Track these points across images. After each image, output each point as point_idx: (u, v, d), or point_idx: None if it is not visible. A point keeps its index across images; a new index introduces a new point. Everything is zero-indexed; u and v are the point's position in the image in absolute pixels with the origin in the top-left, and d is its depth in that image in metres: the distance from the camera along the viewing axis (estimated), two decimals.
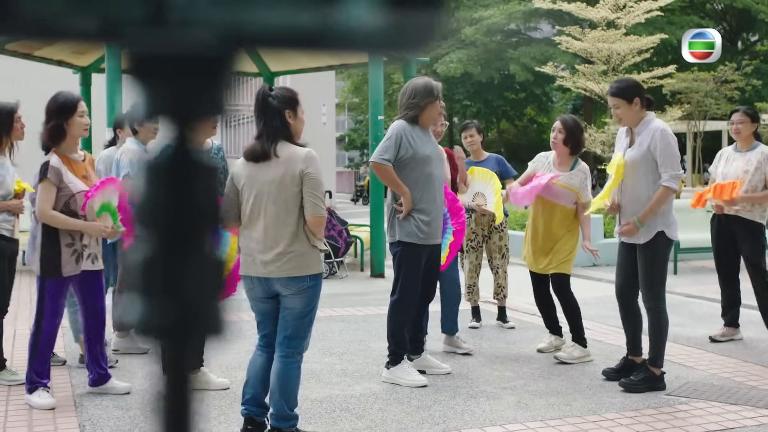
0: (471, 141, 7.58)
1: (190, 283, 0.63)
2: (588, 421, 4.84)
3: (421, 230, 5.57)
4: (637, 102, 5.44)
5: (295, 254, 4.26)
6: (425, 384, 5.56)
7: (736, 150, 6.96)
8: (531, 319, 7.91)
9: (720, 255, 7.04)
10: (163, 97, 0.61)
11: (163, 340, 0.64)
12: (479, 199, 7.09)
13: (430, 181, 5.62)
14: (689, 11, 31.35)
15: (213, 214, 0.65)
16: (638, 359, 5.72)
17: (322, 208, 4.27)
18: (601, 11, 15.78)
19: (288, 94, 4.44)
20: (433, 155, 5.72)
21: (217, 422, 4.80)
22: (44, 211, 5.00)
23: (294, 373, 4.40)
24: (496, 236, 7.47)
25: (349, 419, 4.86)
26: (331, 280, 10.73)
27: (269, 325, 4.46)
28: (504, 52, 34.45)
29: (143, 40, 0.58)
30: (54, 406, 5.06)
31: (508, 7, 33.39)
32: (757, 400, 5.25)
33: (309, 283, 4.30)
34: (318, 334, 7.19)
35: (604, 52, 15.53)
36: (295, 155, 4.28)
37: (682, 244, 11.19)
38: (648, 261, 5.50)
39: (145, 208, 0.63)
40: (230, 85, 0.62)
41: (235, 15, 0.57)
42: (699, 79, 21.76)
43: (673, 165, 5.39)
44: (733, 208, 6.71)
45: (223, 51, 0.60)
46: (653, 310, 5.55)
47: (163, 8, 0.57)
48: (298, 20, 0.57)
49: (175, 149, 0.63)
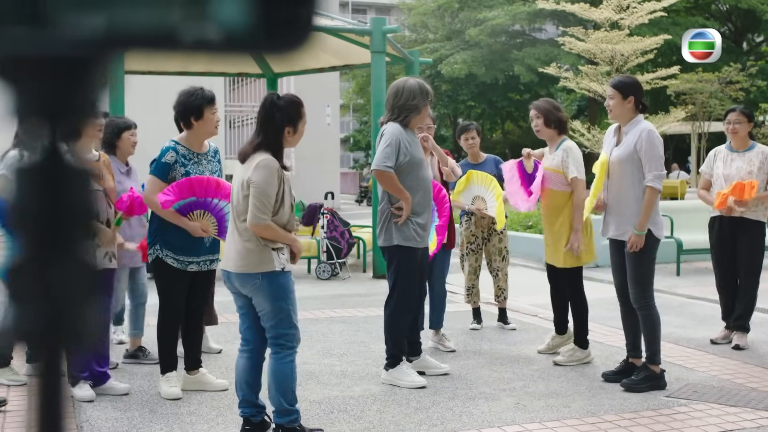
0: (472, 143, 7.55)
1: (60, 288, 0.62)
2: (586, 422, 4.83)
3: (418, 234, 5.59)
4: (631, 101, 5.54)
5: (246, 252, 4.36)
6: (424, 385, 5.55)
7: (732, 150, 6.92)
8: (532, 321, 7.90)
9: (719, 257, 7.01)
10: (32, 98, 0.60)
11: (33, 346, 0.63)
12: (479, 203, 7.06)
13: (425, 184, 5.65)
14: (694, 12, 31.25)
15: (84, 218, 0.64)
16: (638, 361, 5.71)
17: (259, 216, 4.30)
18: (604, 12, 15.77)
19: (293, 111, 4.46)
20: (423, 158, 5.77)
21: (215, 423, 4.80)
22: None
23: (287, 368, 4.42)
24: (495, 238, 7.45)
25: (347, 420, 4.85)
26: (333, 281, 10.74)
27: (246, 320, 4.56)
28: (508, 53, 34.40)
29: (12, 39, 0.57)
30: (93, 399, 5.15)
31: (512, 8, 33.33)
32: (757, 402, 5.23)
33: (262, 280, 4.33)
34: (318, 335, 7.20)
35: (607, 53, 15.51)
36: (253, 161, 4.38)
37: (685, 246, 11.17)
38: (636, 260, 5.54)
39: (15, 211, 0.62)
40: (102, 85, 0.62)
41: (105, 16, 0.57)
42: (703, 80, 21.69)
43: (657, 166, 5.50)
44: (738, 210, 6.67)
45: (93, 51, 0.59)
46: (644, 308, 5.59)
47: (32, 8, 0.56)
48: (168, 21, 0.57)
49: (45, 151, 0.62)
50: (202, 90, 5.26)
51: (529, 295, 9.04)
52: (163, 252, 5.21)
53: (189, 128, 5.26)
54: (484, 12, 34.18)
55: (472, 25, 35.32)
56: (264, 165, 4.33)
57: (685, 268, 11.44)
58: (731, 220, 6.79)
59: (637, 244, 5.48)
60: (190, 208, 5.16)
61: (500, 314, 7.69)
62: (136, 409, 5.07)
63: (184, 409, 5.06)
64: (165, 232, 5.20)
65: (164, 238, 5.21)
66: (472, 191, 7.10)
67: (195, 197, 5.12)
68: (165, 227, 5.19)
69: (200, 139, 5.32)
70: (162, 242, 5.21)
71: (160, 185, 5.14)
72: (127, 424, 4.77)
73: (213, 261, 5.40)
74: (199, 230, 5.16)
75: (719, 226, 6.93)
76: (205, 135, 5.33)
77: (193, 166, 5.24)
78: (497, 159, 7.62)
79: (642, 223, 5.47)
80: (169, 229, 5.18)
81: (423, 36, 40.48)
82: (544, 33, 37.29)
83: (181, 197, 5.10)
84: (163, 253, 5.21)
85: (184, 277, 5.28)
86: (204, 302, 5.61)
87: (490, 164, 7.44)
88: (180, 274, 5.25)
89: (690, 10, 31.00)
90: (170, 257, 5.22)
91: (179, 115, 5.25)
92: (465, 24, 36.73)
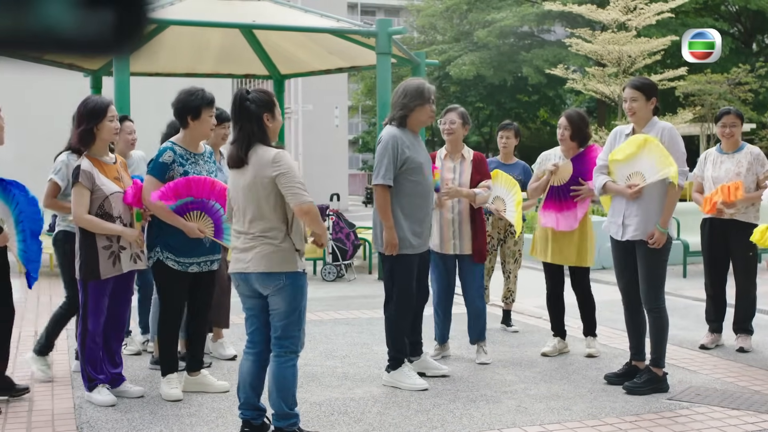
0: (505, 143, 7.42)
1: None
2: (587, 425, 4.81)
3: (414, 241, 5.57)
4: (654, 102, 5.54)
5: (269, 251, 4.33)
6: (426, 387, 5.53)
7: (722, 152, 6.88)
8: (536, 323, 7.88)
9: (711, 259, 6.97)
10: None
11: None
12: (498, 203, 6.88)
13: (422, 189, 5.59)
14: (703, 13, 31.14)
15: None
16: (641, 364, 5.69)
17: (303, 195, 4.28)
18: (611, 13, 15.73)
19: (266, 97, 4.46)
20: (425, 161, 5.68)
21: (215, 425, 4.79)
22: (80, 215, 5.08)
23: (289, 372, 4.41)
24: (511, 241, 7.42)
25: (347, 423, 4.84)
26: (338, 282, 10.73)
27: (255, 323, 4.53)
28: (517, 54, 34.36)
29: None
30: (115, 403, 5.14)
31: (520, 10, 33.31)
32: (760, 405, 5.20)
33: (286, 281, 4.32)
34: (321, 337, 7.20)
35: (614, 54, 15.47)
36: (264, 159, 4.34)
37: (692, 248, 11.11)
38: (652, 260, 5.49)
39: None
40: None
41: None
42: (712, 82, 21.60)
43: (681, 162, 5.40)
44: (728, 212, 6.63)
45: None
46: (655, 311, 5.54)
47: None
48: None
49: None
50: (203, 91, 5.27)
51: (533, 297, 9.00)
52: (163, 254, 5.21)
53: (185, 127, 5.27)
54: (493, 13, 34.16)
55: (480, 27, 35.30)
56: (283, 155, 4.33)
57: (691, 269, 11.39)
58: (722, 223, 6.74)
59: (660, 242, 5.43)
60: (187, 208, 5.16)
61: (504, 316, 7.67)
62: (136, 410, 5.07)
63: (184, 411, 5.06)
64: (165, 235, 5.20)
65: (165, 241, 5.21)
66: (494, 190, 6.84)
67: (192, 197, 5.12)
68: (165, 230, 5.19)
69: (196, 139, 5.33)
70: (162, 245, 5.21)
71: (157, 185, 5.14)
72: (127, 426, 4.77)
73: (213, 261, 5.39)
74: (196, 231, 5.16)
75: (710, 228, 6.89)
76: (201, 136, 5.33)
77: (191, 166, 5.24)
78: (526, 166, 7.47)
79: (666, 219, 5.43)
80: (169, 231, 5.18)
81: (431, 38, 40.48)
82: (552, 34, 37.22)
83: (179, 197, 5.10)
84: (164, 256, 5.21)
85: (185, 278, 5.28)
86: (206, 303, 5.60)
87: (518, 169, 7.31)
88: (181, 276, 5.25)
89: (699, 11, 30.90)
90: (171, 259, 5.22)
91: (177, 113, 5.27)
92: (473, 25, 36.72)
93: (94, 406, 5.12)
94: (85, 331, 5.15)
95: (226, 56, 13.02)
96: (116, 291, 5.27)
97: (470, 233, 6.21)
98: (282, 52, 12.89)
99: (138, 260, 5.31)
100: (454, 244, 6.23)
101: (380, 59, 10.48)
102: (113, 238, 5.16)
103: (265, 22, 10.85)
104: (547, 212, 6.39)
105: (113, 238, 5.16)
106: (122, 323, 5.48)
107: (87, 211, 5.08)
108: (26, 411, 5.09)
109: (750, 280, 6.87)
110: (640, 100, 5.49)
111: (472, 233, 6.22)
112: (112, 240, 5.16)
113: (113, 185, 5.19)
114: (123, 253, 5.20)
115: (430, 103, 5.63)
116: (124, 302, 5.41)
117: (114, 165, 5.32)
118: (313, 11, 11.46)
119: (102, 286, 5.16)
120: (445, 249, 6.25)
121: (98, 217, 5.10)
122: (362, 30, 11.03)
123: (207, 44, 12.59)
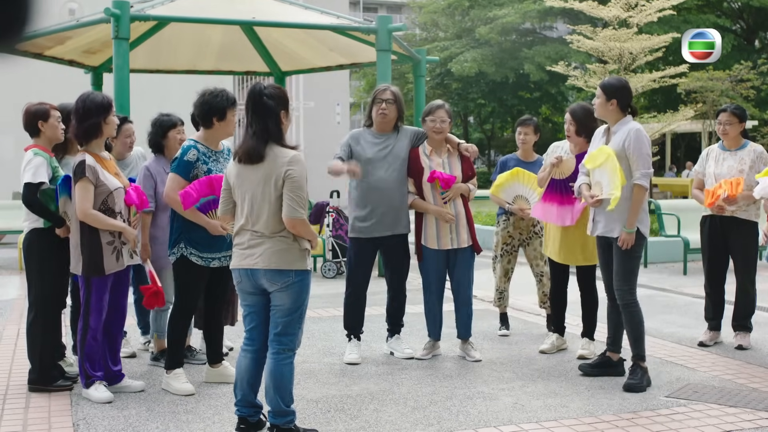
0: (524, 139, 7.03)
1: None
2: (584, 423, 4.80)
3: (360, 225, 6.25)
4: (613, 104, 5.64)
5: (280, 249, 4.31)
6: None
7: (724, 149, 6.85)
8: (535, 320, 7.87)
9: (710, 257, 6.96)
10: None
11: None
12: (521, 202, 6.77)
13: (371, 181, 6.15)
14: (705, 10, 31.04)
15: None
16: (615, 356, 5.88)
17: (298, 211, 4.27)
18: (612, 10, 15.69)
19: (282, 94, 4.47)
20: (377, 157, 6.16)
21: (212, 422, 4.79)
22: (85, 211, 5.07)
23: (286, 370, 4.40)
24: (536, 242, 7.01)
25: (343, 419, 4.84)
26: (338, 279, 10.72)
27: (255, 319, 4.51)
28: (518, 51, 34.34)
29: None
30: (111, 400, 5.14)
31: (522, 6, 33.26)
32: (757, 403, 5.19)
33: (294, 278, 4.32)
34: (320, 334, 7.20)
35: (615, 51, 15.44)
36: (281, 157, 4.31)
37: (692, 245, 11.08)
38: (624, 257, 5.59)
39: None
40: None
41: None
42: (714, 78, 21.54)
43: (645, 164, 5.53)
44: (729, 209, 6.62)
45: None
46: (628, 305, 5.64)
47: None
48: None
49: None
50: (226, 92, 5.28)
51: (532, 295, 8.99)
52: (187, 250, 5.28)
53: (209, 128, 5.28)
54: (495, 10, 34.13)
55: (482, 24, 35.27)
56: (300, 159, 4.30)
57: (692, 267, 11.37)
58: (723, 220, 6.74)
59: (628, 242, 5.51)
60: (209, 206, 5.19)
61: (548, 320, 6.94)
62: (132, 407, 5.07)
63: (180, 408, 5.06)
64: (188, 230, 5.26)
65: (188, 236, 5.27)
66: (515, 189, 6.78)
67: (215, 195, 5.13)
68: (188, 225, 5.25)
69: (218, 139, 5.38)
70: (186, 240, 5.27)
71: (182, 183, 5.18)
72: (123, 423, 4.77)
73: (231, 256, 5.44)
74: (219, 228, 5.21)
75: (710, 225, 6.88)
76: (224, 136, 5.40)
77: (213, 164, 5.30)
78: None
79: (631, 221, 5.51)
80: (193, 227, 5.24)
81: (433, 34, 40.44)
82: (554, 31, 37.19)
83: (202, 195, 5.14)
84: (188, 251, 5.28)
85: (204, 274, 5.36)
86: (224, 296, 5.67)
87: (539, 166, 6.77)
88: (202, 271, 5.33)
89: (701, 8, 30.82)
90: (194, 255, 5.29)
91: (202, 114, 5.25)
92: (475, 22, 36.69)
93: (90, 403, 5.12)
94: (86, 328, 5.15)
95: (227, 53, 13.01)
96: (115, 284, 5.30)
97: (466, 226, 6.28)
98: (283, 49, 12.87)
99: (134, 255, 5.37)
100: (452, 238, 6.25)
101: (380, 56, 10.46)
102: (115, 233, 5.18)
103: (266, 18, 10.83)
104: (547, 204, 6.37)
105: (115, 233, 5.18)
106: (122, 313, 5.48)
107: (92, 206, 5.08)
108: (23, 408, 5.09)
109: (749, 278, 6.86)
110: (600, 99, 5.68)
111: (468, 226, 6.30)
112: (115, 235, 5.18)
113: (116, 181, 5.22)
114: (123, 248, 5.24)
115: (383, 101, 6.18)
116: (123, 294, 5.43)
117: (111, 161, 5.36)
118: (313, 8, 11.43)
119: (105, 282, 5.18)
120: (442, 245, 6.26)
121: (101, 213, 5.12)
122: (362, 27, 11.01)
123: (208, 41, 12.58)
